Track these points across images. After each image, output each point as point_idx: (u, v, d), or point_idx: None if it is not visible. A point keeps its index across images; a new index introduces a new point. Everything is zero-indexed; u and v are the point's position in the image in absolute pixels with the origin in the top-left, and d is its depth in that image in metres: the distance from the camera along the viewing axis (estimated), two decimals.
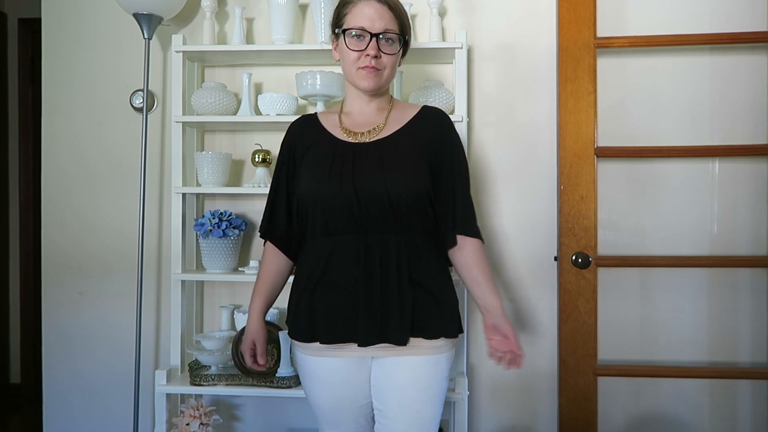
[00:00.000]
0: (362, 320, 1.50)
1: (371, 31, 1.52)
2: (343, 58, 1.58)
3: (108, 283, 2.43)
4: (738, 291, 2.25)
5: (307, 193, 1.55)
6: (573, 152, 2.13)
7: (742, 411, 2.27)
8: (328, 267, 1.53)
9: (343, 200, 1.50)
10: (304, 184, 1.57)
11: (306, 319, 1.55)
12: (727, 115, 2.24)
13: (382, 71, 1.55)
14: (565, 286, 2.13)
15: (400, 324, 1.49)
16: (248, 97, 2.26)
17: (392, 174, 1.51)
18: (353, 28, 1.53)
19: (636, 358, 2.28)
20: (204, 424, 2.16)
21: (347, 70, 1.59)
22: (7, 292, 3.68)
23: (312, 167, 1.57)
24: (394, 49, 1.56)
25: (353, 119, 1.63)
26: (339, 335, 1.52)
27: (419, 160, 1.55)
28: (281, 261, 1.67)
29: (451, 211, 1.57)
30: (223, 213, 2.25)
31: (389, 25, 1.54)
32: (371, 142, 1.57)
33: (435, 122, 1.62)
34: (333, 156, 1.55)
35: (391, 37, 1.54)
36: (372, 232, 1.51)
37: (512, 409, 2.33)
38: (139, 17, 2.19)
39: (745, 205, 2.24)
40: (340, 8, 1.59)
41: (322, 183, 1.53)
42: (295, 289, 1.62)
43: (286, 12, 2.21)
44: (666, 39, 2.17)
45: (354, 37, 1.54)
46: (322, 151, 1.58)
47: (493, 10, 2.32)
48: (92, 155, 2.45)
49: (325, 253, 1.54)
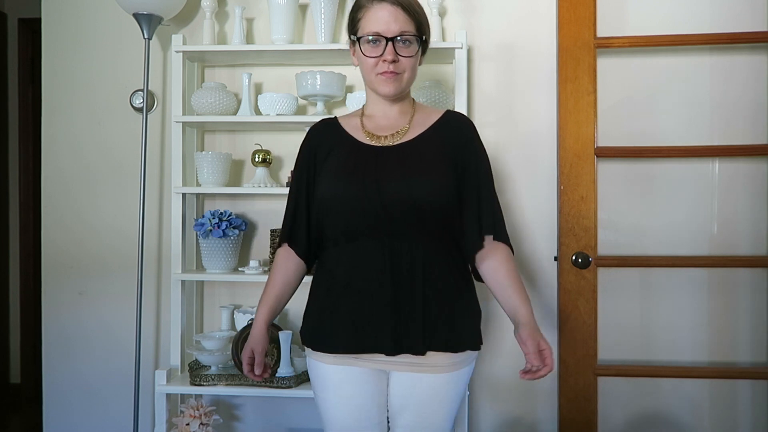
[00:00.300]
0: (387, 329, 1.44)
1: (386, 35, 1.48)
2: (361, 65, 1.54)
3: (108, 283, 2.43)
4: (738, 291, 2.25)
5: (328, 196, 1.50)
6: (573, 152, 2.13)
7: (742, 411, 2.27)
8: (352, 273, 1.48)
9: (366, 203, 1.46)
10: (325, 188, 1.52)
11: (328, 328, 1.50)
12: (727, 115, 2.24)
13: (401, 75, 1.51)
14: (565, 286, 2.13)
15: (424, 334, 1.45)
16: (248, 97, 2.26)
17: (416, 177, 1.47)
18: (368, 34, 1.49)
19: (636, 358, 2.28)
20: (204, 424, 2.16)
21: (366, 77, 1.55)
22: (7, 292, 3.69)
23: (334, 170, 1.52)
24: (411, 50, 1.51)
25: (376, 122, 1.58)
26: (363, 344, 1.46)
27: (443, 164, 1.51)
28: (293, 270, 1.61)
29: (477, 213, 1.52)
30: (223, 213, 2.25)
31: (405, 26, 1.49)
32: (395, 146, 1.53)
33: (459, 127, 1.59)
34: (355, 159, 1.52)
35: (408, 38, 1.49)
36: (396, 237, 1.46)
37: (512, 409, 2.33)
38: (139, 17, 2.19)
39: (745, 205, 2.24)
40: (354, 13, 1.55)
41: (345, 186, 1.48)
42: (314, 295, 1.57)
43: (286, 12, 2.21)
44: (666, 39, 2.17)
45: (370, 43, 1.50)
46: (344, 155, 1.54)
47: (493, 10, 2.32)
48: (92, 155, 2.45)
49: (348, 259, 1.49)
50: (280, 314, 2.30)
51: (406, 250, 1.46)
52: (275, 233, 2.19)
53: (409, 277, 1.45)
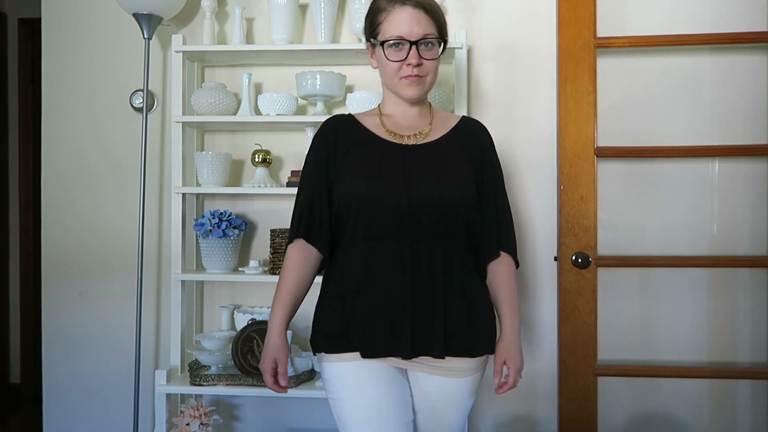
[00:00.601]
0: (406, 332, 1.41)
1: (410, 39, 1.44)
2: (383, 69, 1.50)
3: (108, 283, 2.43)
4: (738, 291, 2.25)
5: (350, 193, 1.45)
6: (573, 152, 2.13)
7: (742, 411, 2.27)
8: (370, 275, 1.43)
9: (391, 202, 1.42)
10: (348, 184, 1.46)
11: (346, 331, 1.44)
12: (727, 115, 2.24)
13: (425, 78, 1.48)
14: (565, 286, 2.13)
15: (446, 338, 1.43)
16: (248, 97, 2.26)
17: (447, 178, 1.46)
18: (391, 38, 1.45)
19: (636, 358, 2.28)
20: (204, 424, 2.16)
21: (389, 81, 1.51)
22: (7, 292, 3.69)
23: (357, 167, 1.47)
24: (434, 53, 1.48)
25: (396, 122, 1.54)
26: (380, 348, 1.42)
27: (468, 168, 1.50)
28: (311, 267, 1.51)
29: (496, 225, 1.53)
30: (223, 213, 2.25)
31: (427, 29, 1.45)
32: (420, 145, 1.50)
33: (476, 134, 1.59)
34: (381, 157, 1.47)
35: (430, 41, 1.46)
36: (415, 239, 1.42)
37: (512, 409, 2.33)
38: (139, 17, 2.19)
39: (745, 205, 2.24)
40: (374, 16, 1.50)
41: (369, 183, 1.44)
42: (328, 297, 1.50)
43: (286, 12, 2.21)
44: (666, 39, 2.17)
45: (393, 47, 1.45)
46: (367, 151, 1.48)
47: (493, 10, 2.32)
48: (92, 155, 2.45)
49: (366, 260, 1.44)
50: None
51: (425, 252, 1.43)
52: (275, 233, 2.19)
53: (430, 279, 1.43)
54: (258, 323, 2.17)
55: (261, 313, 2.25)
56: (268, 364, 1.48)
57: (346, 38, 2.36)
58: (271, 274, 2.19)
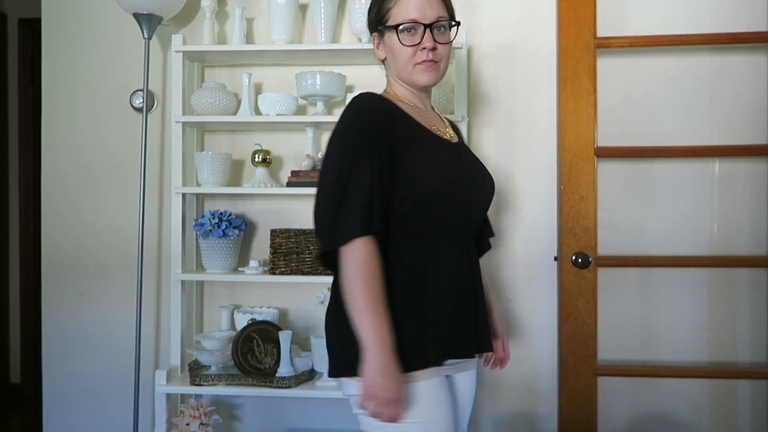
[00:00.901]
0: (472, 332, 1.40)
1: (424, 21, 1.36)
2: (395, 56, 1.40)
3: (108, 283, 2.43)
4: (738, 291, 2.25)
5: (432, 188, 1.32)
6: (573, 152, 2.13)
7: (742, 411, 2.27)
8: (437, 276, 1.34)
9: (466, 200, 1.38)
10: (429, 178, 1.32)
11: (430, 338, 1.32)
12: (727, 115, 2.24)
13: (439, 63, 1.40)
14: (565, 286, 2.13)
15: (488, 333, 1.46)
16: (248, 97, 2.26)
17: (490, 176, 1.48)
18: (404, 22, 1.36)
19: (636, 358, 2.28)
20: (204, 424, 2.16)
21: (401, 69, 1.40)
22: (7, 292, 3.69)
23: (434, 161, 1.35)
24: (447, 37, 1.41)
25: (423, 116, 1.44)
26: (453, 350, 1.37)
27: None
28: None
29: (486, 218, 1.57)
30: (223, 213, 2.25)
31: (440, 11, 1.39)
32: (455, 142, 1.47)
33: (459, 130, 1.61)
34: (443, 151, 1.39)
35: (443, 24, 1.40)
36: (463, 237, 1.40)
37: (512, 409, 2.33)
38: (139, 17, 2.19)
39: (745, 205, 2.24)
40: (382, 2, 1.41)
41: (452, 179, 1.36)
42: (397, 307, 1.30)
43: (286, 12, 2.21)
44: (666, 39, 2.17)
45: (406, 32, 1.37)
46: (431, 144, 1.38)
47: (493, 10, 2.32)
48: (92, 155, 2.45)
49: (427, 261, 1.34)
50: (279, 313, 2.32)
51: (469, 252, 1.43)
52: (275, 233, 2.19)
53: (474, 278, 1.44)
54: (258, 323, 2.17)
55: (261, 313, 2.25)
56: (400, 394, 1.23)
57: (346, 38, 2.36)
58: (271, 274, 2.19)
